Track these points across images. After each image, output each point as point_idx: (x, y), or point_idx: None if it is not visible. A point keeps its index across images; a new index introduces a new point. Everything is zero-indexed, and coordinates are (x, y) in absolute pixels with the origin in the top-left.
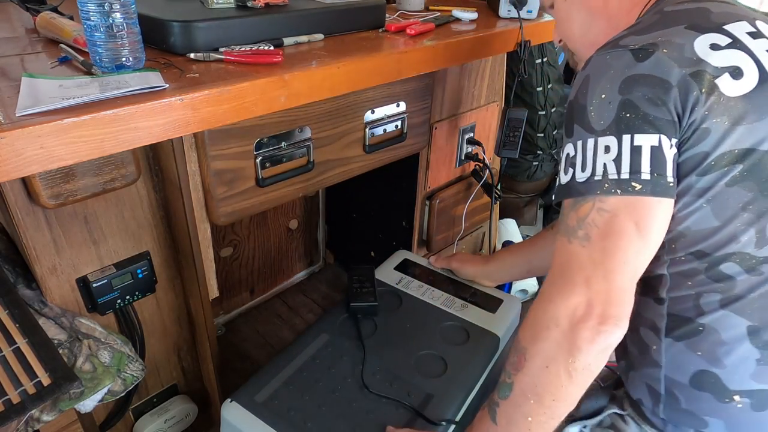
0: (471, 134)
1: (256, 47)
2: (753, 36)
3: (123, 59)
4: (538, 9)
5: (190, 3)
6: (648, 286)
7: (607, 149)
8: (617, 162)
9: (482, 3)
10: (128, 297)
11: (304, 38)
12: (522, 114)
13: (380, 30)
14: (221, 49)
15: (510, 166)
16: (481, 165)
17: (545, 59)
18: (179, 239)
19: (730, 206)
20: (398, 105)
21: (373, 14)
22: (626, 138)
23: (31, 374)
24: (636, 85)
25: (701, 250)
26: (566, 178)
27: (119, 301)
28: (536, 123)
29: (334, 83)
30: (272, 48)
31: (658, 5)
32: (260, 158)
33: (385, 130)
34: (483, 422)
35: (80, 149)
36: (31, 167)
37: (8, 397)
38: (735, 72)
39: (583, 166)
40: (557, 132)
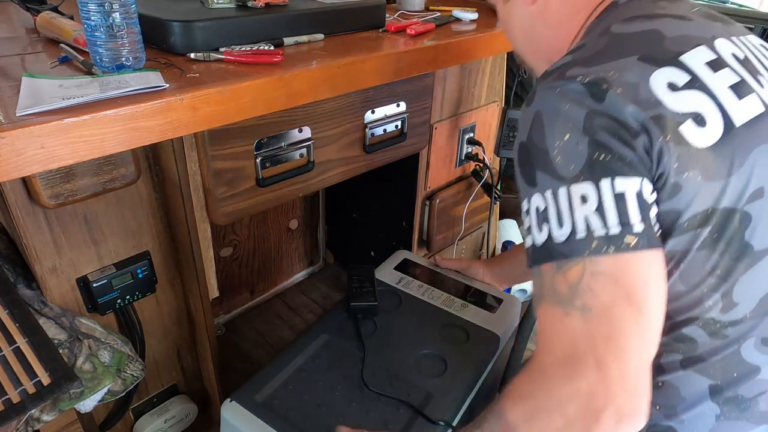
0: (471, 134)
1: (256, 47)
2: (713, 67)
3: (123, 59)
4: None
5: (190, 3)
6: None
7: (584, 199)
8: (600, 213)
9: (482, 3)
10: (128, 297)
11: (304, 38)
12: None
13: (380, 30)
14: (221, 49)
15: (510, 166)
16: (481, 165)
17: None
18: (179, 239)
19: (698, 271)
20: (398, 105)
21: (373, 14)
22: (605, 183)
23: (31, 374)
24: (601, 124)
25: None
26: (542, 238)
27: (119, 301)
28: None
29: (334, 83)
30: (272, 48)
31: (604, 20)
32: (260, 158)
33: (385, 130)
34: None
35: (80, 149)
36: (32, 167)
37: (8, 397)
38: (698, 119)
39: (560, 222)
40: None
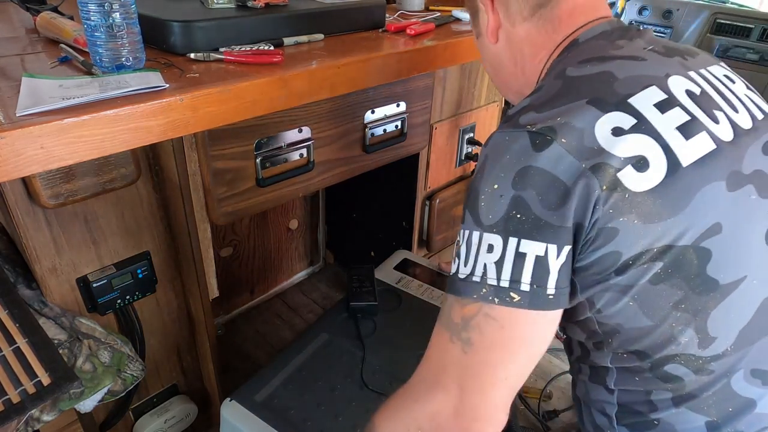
0: (471, 134)
1: (256, 47)
2: (662, 107)
3: (123, 59)
4: None
5: (190, 3)
6: (596, 375)
7: (491, 248)
8: (499, 266)
9: None
10: (128, 297)
11: (304, 38)
12: None
13: (380, 30)
14: (221, 49)
15: None
16: None
17: None
18: (179, 239)
19: (660, 305)
20: (398, 105)
21: (373, 14)
22: (513, 241)
23: (31, 374)
24: (531, 181)
25: (640, 351)
26: (453, 269)
27: (119, 301)
28: None
29: (334, 83)
30: (272, 48)
31: (563, 60)
32: (260, 158)
33: (385, 130)
34: None
35: (80, 149)
36: (31, 167)
37: (8, 397)
38: (639, 163)
39: (466, 261)
40: None
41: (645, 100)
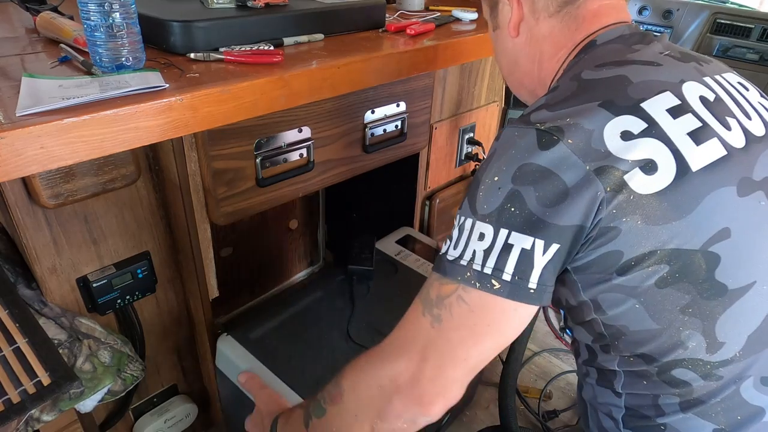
0: (471, 134)
1: (256, 47)
2: (675, 113)
3: (123, 59)
4: None
5: (190, 3)
6: (604, 378)
7: (482, 237)
8: (486, 254)
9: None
10: (128, 297)
11: (304, 38)
12: None
13: (380, 30)
14: (221, 49)
15: None
16: None
17: None
18: (179, 239)
19: (667, 309)
20: (398, 105)
21: (373, 14)
22: (503, 232)
23: (31, 374)
24: (531, 177)
25: (647, 354)
26: (443, 249)
27: (119, 301)
28: None
29: (334, 83)
30: (272, 48)
31: (580, 61)
32: (260, 158)
33: (385, 130)
34: (298, 419)
35: (80, 149)
36: (31, 167)
37: (8, 397)
38: (647, 166)
39: (456, 244)
40: None
41: (658, 105)
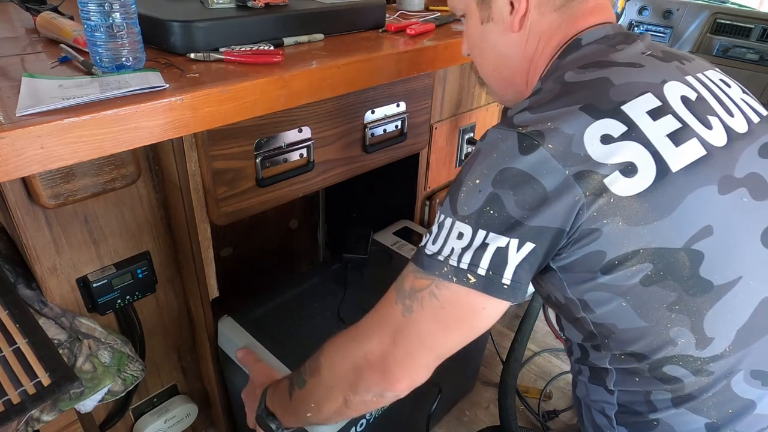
0: (471, 134)
1: (256, 47)
2: (655, 115)
3: (123, 59)
4: None
5: (190, 3)
6: (596, 376)
7: (461, 236)
8: (464, 251)
9: None
10: (128, 297)
11: (304, 38)
12: None
13: (380, 30)
14: (221, 49)
15: None
16: None
17: None
18: (179, 239)
19: (654, 306)
20: (398, 105)
21: (373, 14)
22: (481, 233)
23: (31, 374)
24: (511, 181)
25: (638, 352)
26: (422, 242)
27: (119, 301)
28: None
29: (334, 83)
30: (272, 48)
31: (563, 66)
32: (260, 158)
33: (385, 130)
34: (284, 389)
35: (80, 149)
36: (31, 167)
37: (8, 397)
38: (627, 169)
39: (435, 240)
40: None
41: (638, 108)
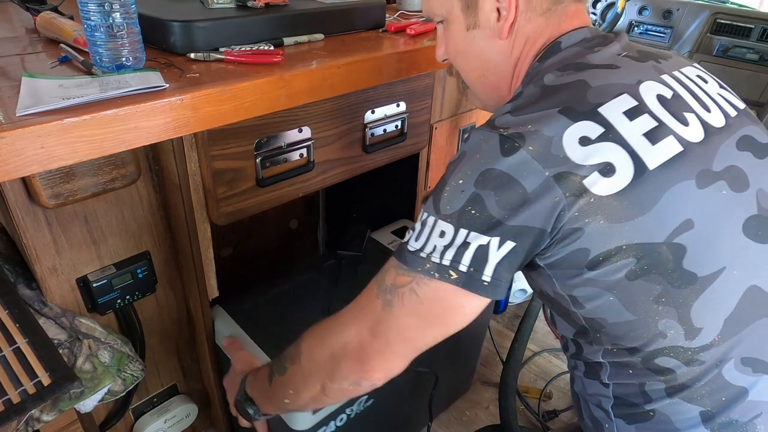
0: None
1: (256, 47)
2: (631, 115)
3: (123, 59)
4: None
5: (190, 3)
6: (591, 370)
7: (443, 234)
8: (446, 249)
9: None
10: (128, 297)
11: (304, 38)
12: None
13: (380, 30)
14: (221, 49)
15: None
16: None
17: None
18: (179, 239)
19: (640, 300)
20: (398, 105)
21: (373, 14)
22: (462, 232)
23: (31, 374)
24: (492, 183)
25: (629, 346)
26: (405, 238)
27: (119, 301)
28: None
29: (334, 83)
30: (272, 48)
31: (543, 69)
32: (260, 158)
33: (385, 130)
34: (264, 376)
35: (80, 149)
36: (31, 167)
37: (8, 397)
38: (605, 169)
39: (418, 237)
40: None
41: (615, 109)
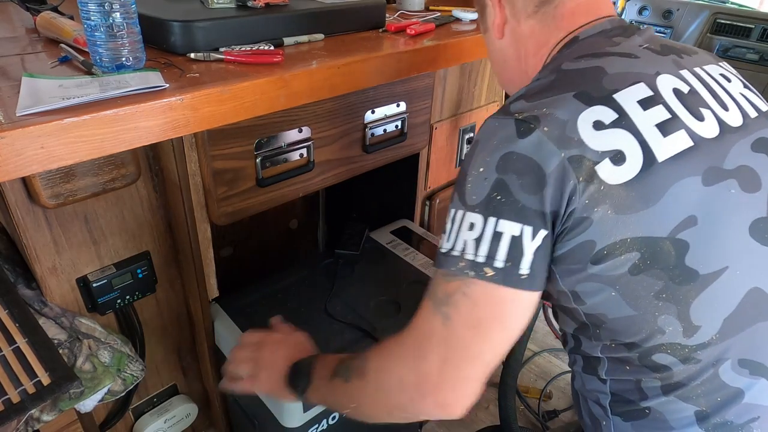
0: (471, 134)
1: (257, 47)
2: (645, 104)
3: (123, 59)
4: None
5: (190, 3)
6: (589, 365)
7: (472, 226)
8: (477, 242)
9: None
10: (128, 297)
11: (304, 38)
12: None
13: (380, 30)
14: (221, 49)
15: None
16: None
17: None
18: (179, 239)
19: (642, 295)
20: (398, 105)
21: (373, 14)
22: (492, 220)
23: (31, 374)
24: (513, 166)
25: (628, 341)
26: (439, 245)
27: (119, 301)
28: None
29: (334, 83)
30: (272, 48)
31: (560, 58)
32: (260, 158)
33: (385, 130)
34: (328, 367)
35: (80, 149)
36: (32, 167)
37: (8, 397)
38: (616, 157)
39: (449, 237)
40: None
41: (629, 96)
